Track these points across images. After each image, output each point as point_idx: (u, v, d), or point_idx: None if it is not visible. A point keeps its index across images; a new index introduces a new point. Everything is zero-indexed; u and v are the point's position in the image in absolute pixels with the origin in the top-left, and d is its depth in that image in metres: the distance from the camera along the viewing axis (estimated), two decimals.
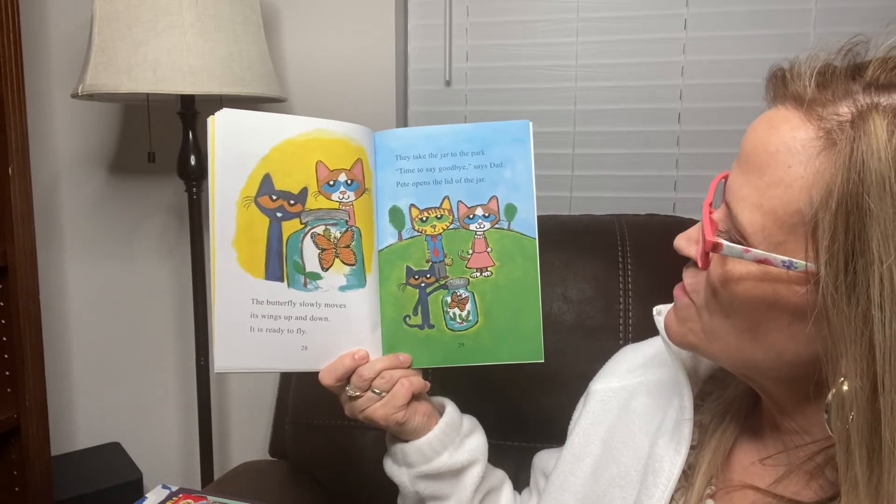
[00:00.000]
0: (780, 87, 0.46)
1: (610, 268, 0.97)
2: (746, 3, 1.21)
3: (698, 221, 0.50)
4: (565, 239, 1.02)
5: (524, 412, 0.95)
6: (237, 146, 0.64)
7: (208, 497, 0.74)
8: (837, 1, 1.18)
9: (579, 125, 1.30)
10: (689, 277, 0.51)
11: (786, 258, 0.42)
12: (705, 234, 0.45)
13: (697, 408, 0.59)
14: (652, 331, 0.70)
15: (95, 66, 1.01)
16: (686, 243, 0.51)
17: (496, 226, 0.67)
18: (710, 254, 0.46)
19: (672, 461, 0.55)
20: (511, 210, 0.67)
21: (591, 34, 1.27)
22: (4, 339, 1.10)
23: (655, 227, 1.04)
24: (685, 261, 0.52)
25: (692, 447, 0.57)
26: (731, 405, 0.57)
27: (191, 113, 1.16)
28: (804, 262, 0.42)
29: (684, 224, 1.05)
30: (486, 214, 0.67)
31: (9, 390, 1.11)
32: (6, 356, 1.10)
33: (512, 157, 0.68)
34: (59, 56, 1.38)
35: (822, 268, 0.40)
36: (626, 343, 0.90)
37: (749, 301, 0.45)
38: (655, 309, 0.61)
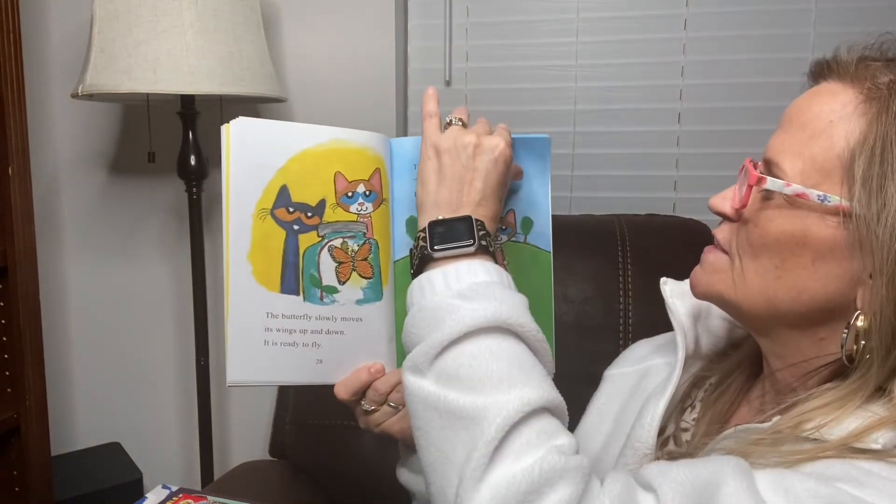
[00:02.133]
0: (823, 72, 0.52)
1: (610, 268, 0.97)
2: (746, 3, 1.21)
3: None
4: (565, 239, 1.02)
5: None
6: (253, 157, 0.62)
7: (208, 497, 0.74)
8: (837, 1, 1.18)
9: (579, 125, 1.29)
10: (722, 233, 0.55)
11: (820, 192, 0.47)
12: (750, 172, 0.51)
13: (696, 385, 0.63)
14: (653, 330, 0.70)
15: (95, 66, 1.01)
16: (720, 201, 0.55)
17: (512, 239, 0.67)
18: (752, 190, 0.51)
19: (658, 397, 0.59)
20: (527, 223, 0.67)
21: (591, 34, 1.27)
22: (4, 339, 1.10)
23: (655, 227, 1.04)
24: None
25: (695, 419, 0.60)
26: (729, 378, 0.60)
27: (191, 113, 1.16)
28: (838, 198, 0.47)
29: (684, 224, 1.05)
30: (503, 227, 0.66)
31: (9, 390, 1.11)
32: (6, 356, 1.10)
33: (531, 171, 0.67)
34: (59, 56, 1.38)
35: (856, 193, 0.46)
36: (626, 343, 0.90)
37: (780, 236, 0.49)
38: (662, 280, 0.64)
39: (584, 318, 0.95)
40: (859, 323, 0.47)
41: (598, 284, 0.97)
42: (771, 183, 0.49)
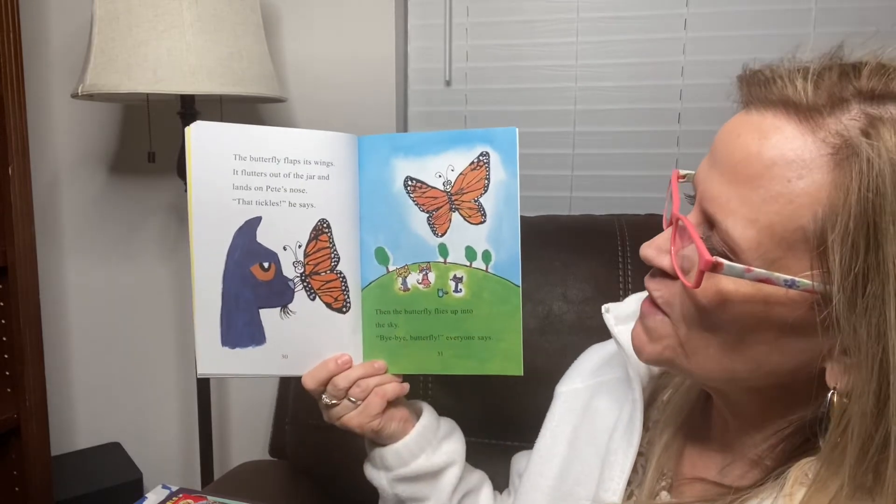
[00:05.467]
0: (762, 89, 0.44)
1: (610, 268, 0.97)
2: (746, 3, 1.21)
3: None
4: (565, 239, 1.02)
5: (523, 412, 0.95)
6: (211, 157, 0.64)
7: (208, 497, 0.74)
8: (837, 1, 1.18)
9: (579, 125, 1.29)
10: (658, 289, 0.48)
11: (787, 277, 0.40)
12: (701, 253, 0.42)
13: (650, 404, 0.60)
14: None
15: (95, 66, 1.01)
16: (655, 253, 0.49)
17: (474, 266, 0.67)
18: (704, 274, 0.43)
19: (625, 453, 0.57)
20: (487, 255, 0.66)
21: (591, 34, 1.26)
22: (4, 339, 1.10)
23: (655, 227, 1.03)
24: None
25: (648, 442, 0.58)
26: (681, 401, 0.58)
27: (191, 113, 1.16)
28: (808, 281, 0.40)
29: None
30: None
31: (9, 390, 1.11)
32: (6, 356, 1.10)
33: (497, 181, 0.67)
34: (59, 56, 1.38)
35: (834, 288, 0.39)
36: None
37: (738, 318, 0.43)
38: (604, 307, 0.61)
39: (584, 318, 0.95)
40: (834, 398, 0.41)
41: (598, 284, 0.97)
42: (729, 269, 0.41)
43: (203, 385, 1.24)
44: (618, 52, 1.26)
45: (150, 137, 1.27)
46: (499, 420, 0.96)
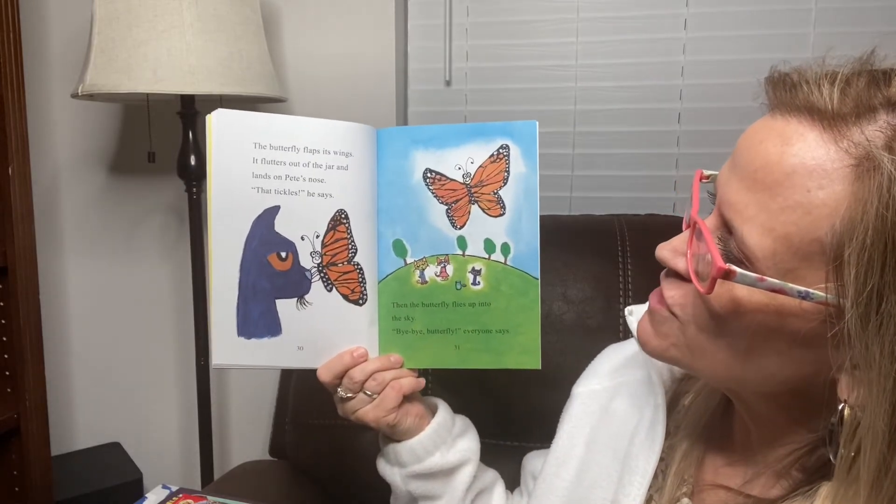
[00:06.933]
0: (787, 94, 0.42)
1: (610, 268, 0.97)
2: (746, 3, 1.21)
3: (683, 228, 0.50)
4: (565, 239, 1.02)
5: (525, 412, 0.96)
6: (231, 145, 0.64)
7: (208, 497, 0.74)
8: (837, 1, 1.18)
9: (579, 125, 1.29)
10: (672, 289, 0.48)
11: (801, 288, 0.40)
12: (715, 260, 0.41)
13: (672, 408, 0.59)
14: None
15: (95, 66, 1.01)
16: (671, 255, 0.48)
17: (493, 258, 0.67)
18: (717, 281, 0.42)
19: (647, 459, 0.56)
20: (506, 247, 0.66)
21: (591, 34, 1.26)
22: (4, 339, 1.10)
23: (655, 227, 1.04)
24: None
25: (668, 447, 0.58)
26: (703, 406, 0.58)
27: (191, 113, 1.16)
28: (822, 294, 0.39)
29: None
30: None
31: (9, 390, 1.11)
32: (6, 356, 1.10)
33: (517, 173, 0.67)
34: (59, 56, 1.38)
35: (848, 303, 0.38)
36: None
37: (750, 327, 0.43)
38: (627, 309, 0.61)
39: (584, 318, 0.95)
40: (846, 412, 0.40)
41: (598, 284, 0.97)
42: (742, 277, 0.41)
43: (203, 385, 1.24)
44: (618, 52, 1.26)
45: (150, 137, 1.27)
46: (499, 420, 0.96)
